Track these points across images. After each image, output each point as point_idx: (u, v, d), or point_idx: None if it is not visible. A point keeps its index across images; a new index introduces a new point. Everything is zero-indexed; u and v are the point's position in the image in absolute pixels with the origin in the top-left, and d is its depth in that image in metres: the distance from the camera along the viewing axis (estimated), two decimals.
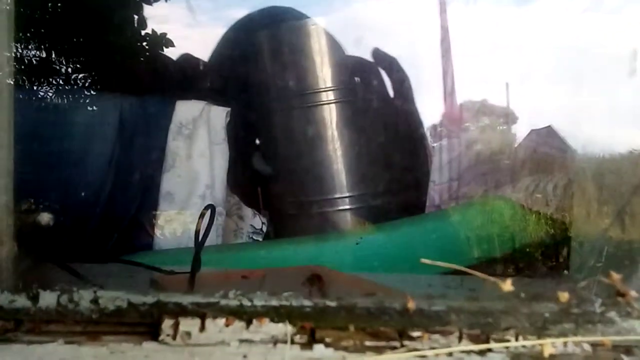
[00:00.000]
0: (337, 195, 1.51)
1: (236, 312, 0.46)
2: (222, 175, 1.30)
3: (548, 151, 1.26)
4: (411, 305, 0.46)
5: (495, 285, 0.46)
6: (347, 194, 1.51)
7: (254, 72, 1.53)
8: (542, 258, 1.15)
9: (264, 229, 1.36)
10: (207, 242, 1.26)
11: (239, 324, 0.45)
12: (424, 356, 0.43)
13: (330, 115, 1.53)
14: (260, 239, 1.35)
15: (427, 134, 1.35)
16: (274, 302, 0.47)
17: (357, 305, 0.47)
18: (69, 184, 1.15)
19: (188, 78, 1.35)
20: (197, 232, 0.92)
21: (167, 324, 0.46)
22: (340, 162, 1.51)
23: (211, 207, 0.88)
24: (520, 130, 1.34)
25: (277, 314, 0.46)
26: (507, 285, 0.45)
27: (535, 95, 1.30)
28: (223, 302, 0.47)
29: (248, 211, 1.38)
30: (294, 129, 1.55)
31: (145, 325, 0.47)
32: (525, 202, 1.17)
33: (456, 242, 1.19)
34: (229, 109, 1.32)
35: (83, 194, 1.16)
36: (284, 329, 0.45)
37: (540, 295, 0.88)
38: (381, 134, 1.48)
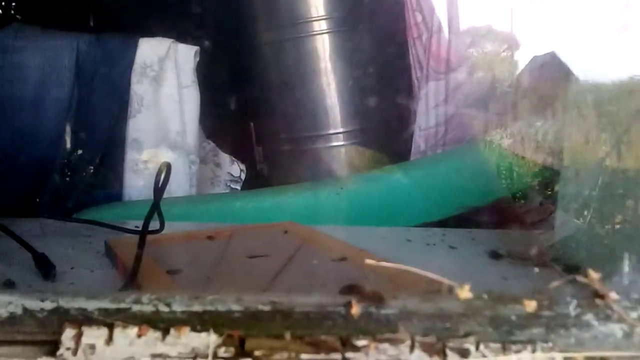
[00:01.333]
0: (331, 131, 1.44)
1: (151, 320, 0.40)
2: (193, 120, 1.22)
3: (550, 77, 1.17)
4: (355, 310, 0.39)
5: (452, 291, 0.39)
6: (342, 130, 1.43)
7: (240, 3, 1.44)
8: (529, 204, 1.09)
9: (243, 176, 1.29)
10: (181, 193, 1.20)
11: (153, 335, 0.39)
12: None
13: (324, 46, 1.43)
14: (239, 188, 1.29)
15: (414, 75, 1.25)
16: (197, 307, 0.40)
17: (294, 310, 0.40)
18: (24, 133, 1.07)
19: (152, 12, 1.24)
20: (155, 191, 0.85)
21: (67, 334, 0.39)
22: (334, 96, 1.43)
23: (167, 166, 0.81)
24: (523, 58, 1.24)
25: (200, 322, 0.40)
26: (465, 292, 0.38)
27: (539, 21, 1.20)
28: (136, 308, 0.40)
29: (225, 158, 1.31)
30: (286, 62, 1.46)
31: (44, 334, 0.40)
32: (514, 148, 1.09)
33: (440, 191, 1.12)
34: (198, 47, 1.22)
35: (40, 144, 1.08)
36: (207, 339, 0.39)
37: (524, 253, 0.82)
38: (376, 67, 1.39)
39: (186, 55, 1.21)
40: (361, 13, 1.41)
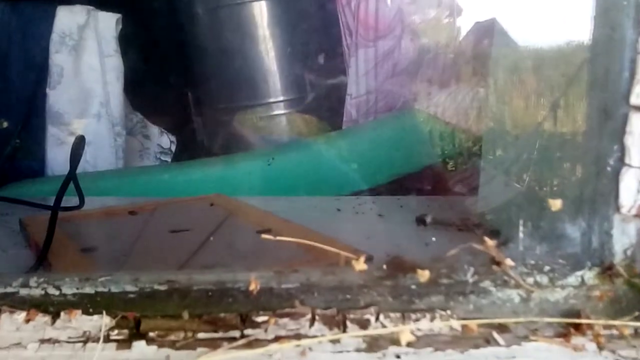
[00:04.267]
0: (271, 100, 1.42)
1: (40, 304, 0.38)
2: (117, 90, 1.17)
3: (490, 44, 1.18)
4: (254, 286, 0.39)
5: (349, 263, 0.38)
6: (282, 98, 1.41)
7: None
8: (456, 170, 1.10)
9: (173, 148, 1.26)
10: (107, 166, 1.16)
11: (42, 319, 0.37)
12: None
13: (261, 13, 1.40)
14: (169, 160, 1.25)
15: (344, 42, 1.23)
16: (89, 289, 0.39)
17: (192, 288, 0.39)
18: None
19: None
20: (71, 167, 0.82)
21: None
22: (273, 64, 1.41)
23: (81, 138, 0.78)
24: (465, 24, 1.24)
25: (92, 304, 0.38)
26: (360, 264, 0.38)
27: None
28: (24, 291, 0.38)
29: (155, 130, 1.27)
30: (223, 30, 1.42)
31: None
32: (442, 115, 1.09)
33: (371, 160, 1.12)
34: (120, 15, 1.17)
35: None
36: (99, 322, 0.37)
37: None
38: (314, 34, 1.37)
39: (107, 23, 1.16)
40: None
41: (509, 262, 0.37)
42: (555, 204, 0.37)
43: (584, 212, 0.39)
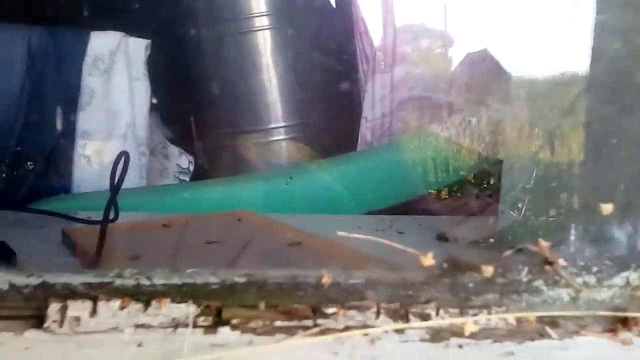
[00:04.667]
0: (272, 126, 1.46)
1: (133, 293, 0.41)
2: (144, 112, 1.22)
3: (483, 74, 1.23)
4: (326, 280, 0.43)
5: (416, 258, 0.42)
6: (283, 124, 1.45)
7: None
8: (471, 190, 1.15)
9: (191, 167, 1.30)
10: (130, 185, 1.20)
11: (135, 307, 0.41)
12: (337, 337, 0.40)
13: (265, 42, 1.45)
14: (187, 179, 1.29)
15: (360, 68, 1.29)
16: (176, 280, 0.42)
17: (268, 281, 0.43)
18: None
19: (103, 5, 1.23)
20: (111, 180, 0.86)
21: (53, 308, 0.40)
22: (275, 92, 1.45)
23: (125, 155, 0.81)
24: (457, 54, 1.29)
25: (179, 294, 0.42)
26: (428, 260, 0.42)
27: (472, 17, 1.25)
28: (118, 282, 0.42)
29: (174, 150, 1.31)
30: (227, 57, 1.47)
31: (30, 309, 0.42)
32: (456, 138, 1.14)
33: (387, 180, 1.16)
34: (150, 40, 1.22)
35: None
36: (187, 310, 0.41)
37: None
38: (317, 63, 1.42)
39: (137, 48, 1.21)
40: (302, 10, 1.44)
41: (561, 262, 0.42)
42: (607, 208, 0.42)
43: (630, 217, 0.43)
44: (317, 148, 1.42)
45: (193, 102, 1.52)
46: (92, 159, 1.18)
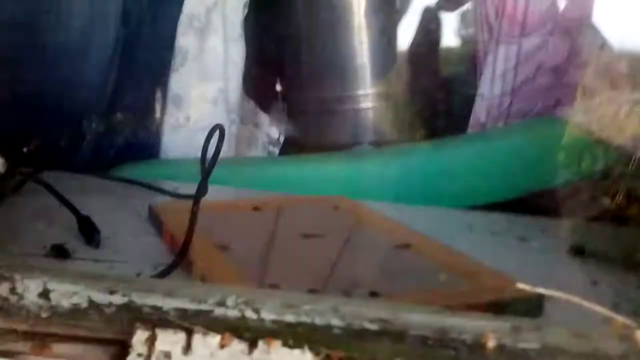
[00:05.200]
0: (360, 92, 1.35)
1: (236, 328, 0.33)
2: (237, 76, 1.14)
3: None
4: (490, 343, 0.33)
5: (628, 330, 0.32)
6: (371, 91, 1.34)
7: None
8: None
9: (281, 139, 1.22)
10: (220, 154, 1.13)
11: (238, 346, 0.33)
12: None
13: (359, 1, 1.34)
14: (277, 151, 1.22)
15: (479, 37, 1.15)
16: (290, 318, 0.34)
17: (408, 332, 0.34)
18: (66, 83, 1.01)
19: None
20: (203, 155, 0.79)
21: (139, 337, 0.33)
22: (365, 56, 1.34)
23: (219, 128, 0.74)
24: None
25: (293, 335, 0.33)
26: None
27: None
28: (219, 311, 0.34)
29: (265, 119, 1.23)
30: (318, 17, 1.36)
31: (112, 332, 0.34)
32: (593, 127, 1.00)
33: (502, 170, 1.04)
34: None
35: (83, 94, 1.02)
36: (302, 357, 0.33)
37: None
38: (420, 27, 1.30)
39: (235, 6, 1.12)
40: None
41: None
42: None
43: None
44: (417, 124, 1.32)
45: (280, 65, 1.43)
46: (181, 124, 1.12)
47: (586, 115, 1.00)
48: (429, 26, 1.31)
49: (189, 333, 0.33)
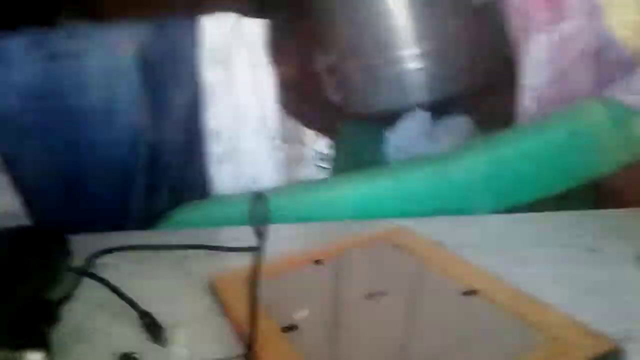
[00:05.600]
0: (404, 52, 1.30)
1: None
2: (271, 101, 1.12)
3: None
4: None
5: None
6: (416, 51, 1.29)
7: None
8: None
9: (331, 152, 1.19)
10: (266, 181, 1.13)
11: None
12: None
13: None
14: (327, 166, 1.19)
15: (515, 26, 1.08)
16: None
17: None
18: (97, 144, 1.01)
19: None
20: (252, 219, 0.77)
21: None
22: (405, 16, 1.28)
23: (261, 195, 0.72)
24: None
25: None
26: None
27: None
28: None
29: (309, 134, 1.21)
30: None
31: None
32: None
33: (555, 161, 0.99)
34: (266, 20, 1.09)
35: (117, 151, 1.02)
36: None
37: None
38: None
39: (254, 30, 1.09)
40: None
41: None
42: None
43: None
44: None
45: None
46: (226, 158, 1.11)
47: (637, 92, 0.94)
48: None
49: None
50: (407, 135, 1.31)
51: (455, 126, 1.30)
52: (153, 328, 0.68)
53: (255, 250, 0.67)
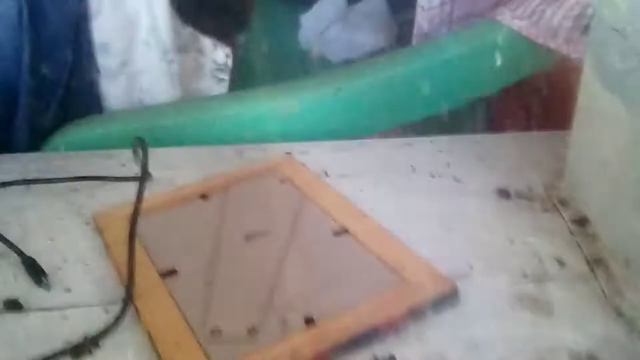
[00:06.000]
0: None
1: None
2: (165, 12, 1.07)
3: None
4: None
5: None
6: None
7: None
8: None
9: (229, 62, 1.17)
10: (164, 96, 1.12)
11: None
12: None
13: None
14: (226, 77, 1.18)
15: None
16: None
17: None
18: None
19: None
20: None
21: None
22: None
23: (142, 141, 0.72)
24: None
25: None
26: None
27: None
28: None
29: (207, 43, 1.17)
30: None
31: None
32: (527, 31, 0.97)
33: (445, 81, 1.03)
34: None
35: None
36: None
37: None
38: None
39: None
40: None
41: None
42: None
43: None
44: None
45: None
46: (117, 71, 1.08)
47: (524, 21, 0.97)
48: None
49: None
50: (322, 19, 1.31)
51: (371, 11, 1.31)
52: (35, 272, 0.70)
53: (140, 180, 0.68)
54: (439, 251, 0.69)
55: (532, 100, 1.01)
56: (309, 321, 0.60)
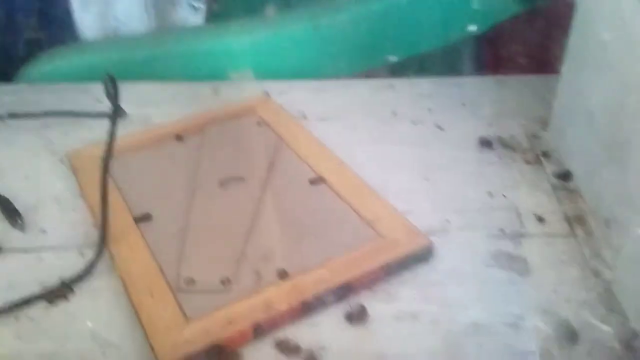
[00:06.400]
0: None
1: None
2: None
3: None
4: None
5: None
6: None
7: None
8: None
9: None
10: (138, 24, 1.07)
11: None
12: None
13: None
14: (202, 6, 1.13)
15: None
16: None
17: None
18: None
19: None
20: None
21: None
22: None
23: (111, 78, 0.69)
24: None
25: None
26: None
27: None
28: None
29: None
30: None
31: None
32: None
33: (416, 23, 0.99)
34: None
35: None
36: None
37: None
38: None
39: None
40: None
41: None
42: None
43: None
44: None
45: None
46: (90, 2, 1.03)
47: None
48: None
49: None
50: None
51: None
52: (10, 212, 0.69)
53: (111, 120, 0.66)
54: (417, 204, 0.68)
55: (526, 40, 0.98)
56: (283, 274, 0.60)
